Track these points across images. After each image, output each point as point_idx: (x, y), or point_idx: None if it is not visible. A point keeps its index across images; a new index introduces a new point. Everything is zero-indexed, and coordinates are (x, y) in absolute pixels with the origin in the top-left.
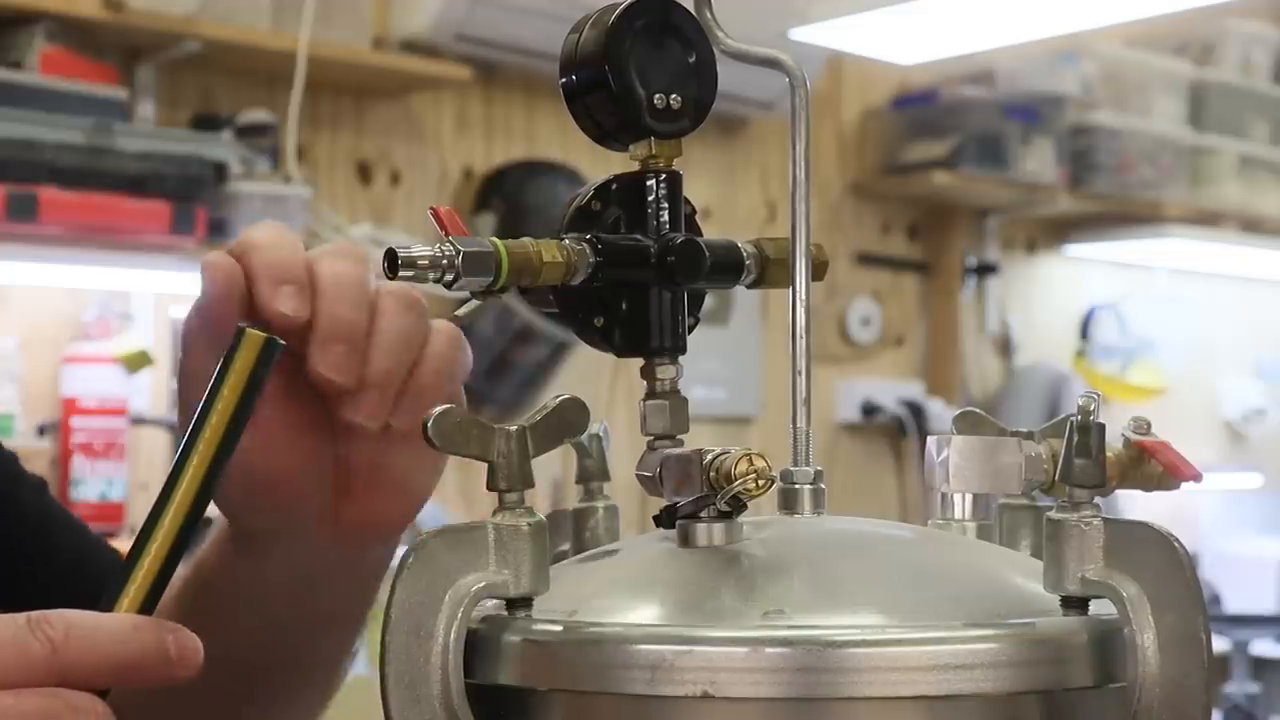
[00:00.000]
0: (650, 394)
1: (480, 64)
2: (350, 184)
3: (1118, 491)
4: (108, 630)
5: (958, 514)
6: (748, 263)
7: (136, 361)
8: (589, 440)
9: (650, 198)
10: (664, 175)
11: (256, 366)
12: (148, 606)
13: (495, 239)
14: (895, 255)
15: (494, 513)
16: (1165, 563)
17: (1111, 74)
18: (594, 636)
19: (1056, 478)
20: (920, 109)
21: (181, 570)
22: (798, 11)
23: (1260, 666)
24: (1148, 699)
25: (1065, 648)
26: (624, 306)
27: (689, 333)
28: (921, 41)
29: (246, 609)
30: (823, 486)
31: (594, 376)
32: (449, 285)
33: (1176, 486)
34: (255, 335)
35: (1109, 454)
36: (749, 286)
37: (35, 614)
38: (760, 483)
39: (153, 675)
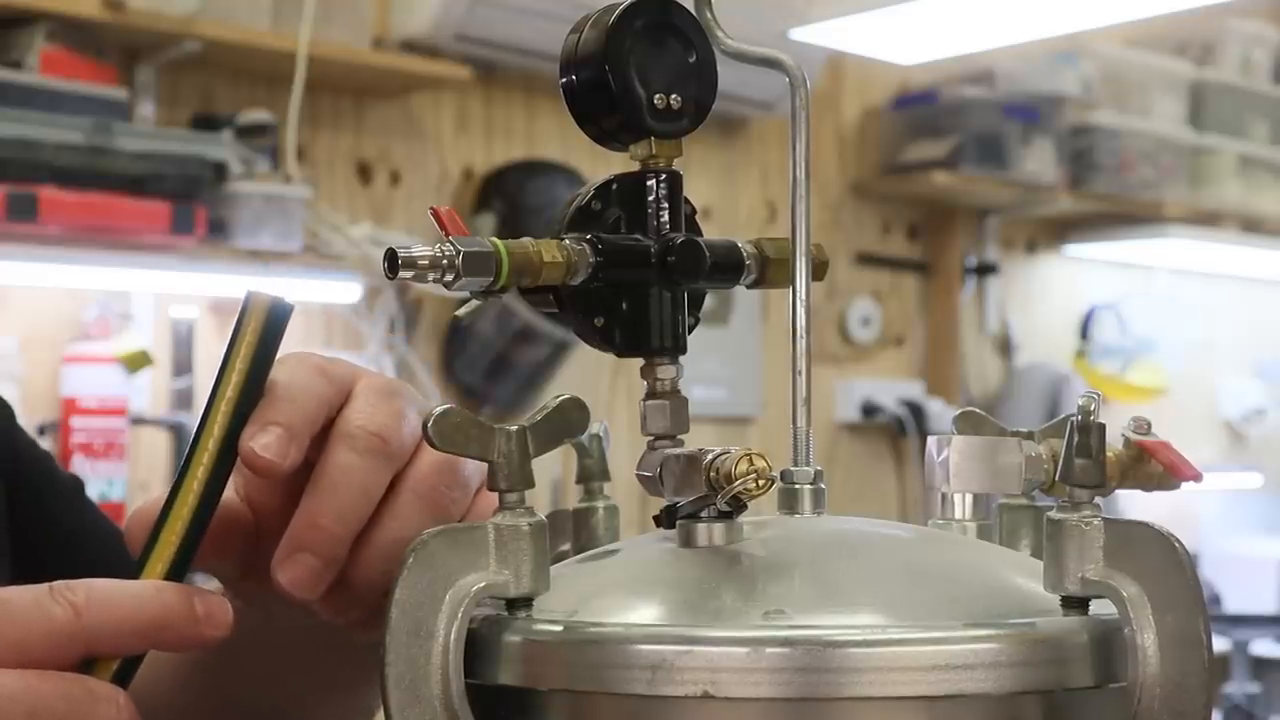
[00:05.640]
0: (650, 394)
1: (480, 64)
2: (350, 184)
3: (1118, 491)
4: (130, 593)
5: (958, 514)
6: (748, 263)
7: (136, 361)
8: (589, 440)
9: (650, 198)
10: (664, 175)
11: (267, 326)
12: (175, 575)
13: (495, 239)
14: (895, 255)
15: (494, 513)
16: (1165, 563)
17: (1111, 74)
18: (594, 636)
19: (1056, 478)
20: (920, 109)
21: None
22: (798, 11)
23: (1260, 666)
24: (1148, 699)
25: (1065, 648)
26: (624, 306)
27: (689, 333)
28: (921, 41)
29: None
30: (823, 486)
31: (594, 376)
32: (449, 285)
33: (1176, 486)
34: (262, 297)
35: (1109, 454)
36: (749, 286)
37: (56, 582)
38: (760, 483)
39: (182, 637)
